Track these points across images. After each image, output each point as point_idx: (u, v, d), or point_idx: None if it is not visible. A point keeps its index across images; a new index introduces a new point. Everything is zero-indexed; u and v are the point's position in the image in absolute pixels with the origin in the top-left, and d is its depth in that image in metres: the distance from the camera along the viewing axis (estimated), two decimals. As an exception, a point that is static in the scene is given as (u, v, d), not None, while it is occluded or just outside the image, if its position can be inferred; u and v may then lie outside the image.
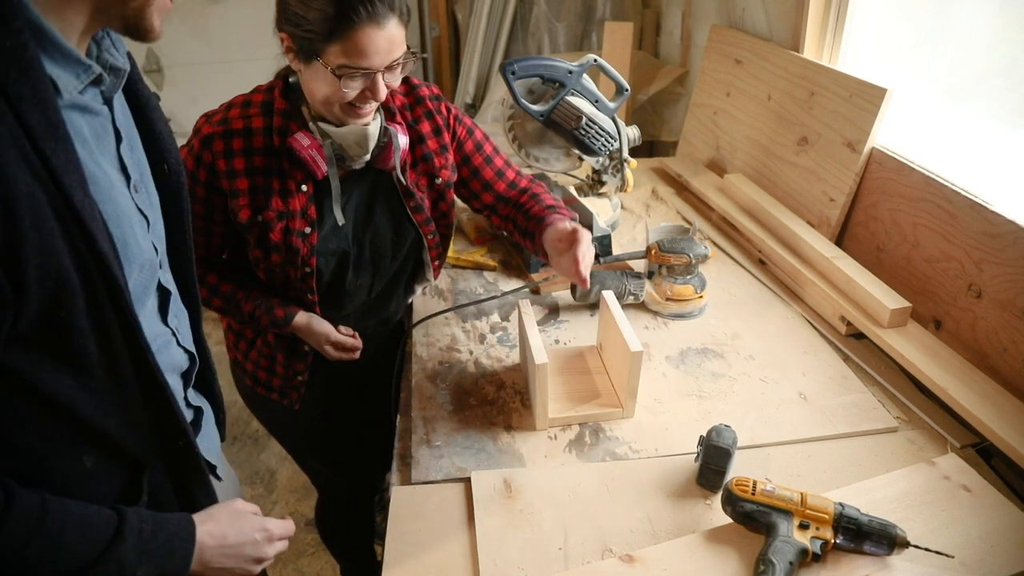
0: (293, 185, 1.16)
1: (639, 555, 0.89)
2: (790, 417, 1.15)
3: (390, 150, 1.19)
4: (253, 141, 1.15)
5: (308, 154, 1.13)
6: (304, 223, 1.18)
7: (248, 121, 1.15)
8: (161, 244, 0.84)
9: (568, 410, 1.16)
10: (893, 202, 1.42)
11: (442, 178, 1.29)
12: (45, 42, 0.66)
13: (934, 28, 1.51)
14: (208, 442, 0.99)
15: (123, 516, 0.73)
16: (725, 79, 2.05)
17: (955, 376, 1.14)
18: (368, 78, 1.07)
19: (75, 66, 0.69)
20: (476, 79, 3.15)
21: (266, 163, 1.15)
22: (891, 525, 0.86)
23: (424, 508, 1.00)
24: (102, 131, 0.75)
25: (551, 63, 1.64)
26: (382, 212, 1.26)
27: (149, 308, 0.82)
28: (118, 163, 0.77)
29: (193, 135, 1.17)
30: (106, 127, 0.76)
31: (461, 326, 1.42)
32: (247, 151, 1.15)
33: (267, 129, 1.15)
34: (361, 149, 1.16)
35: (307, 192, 1.17)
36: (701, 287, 1.42)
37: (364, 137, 1.15)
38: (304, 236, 1.18)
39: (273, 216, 1.16)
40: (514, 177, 1.40)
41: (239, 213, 1.16)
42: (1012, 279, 1.14)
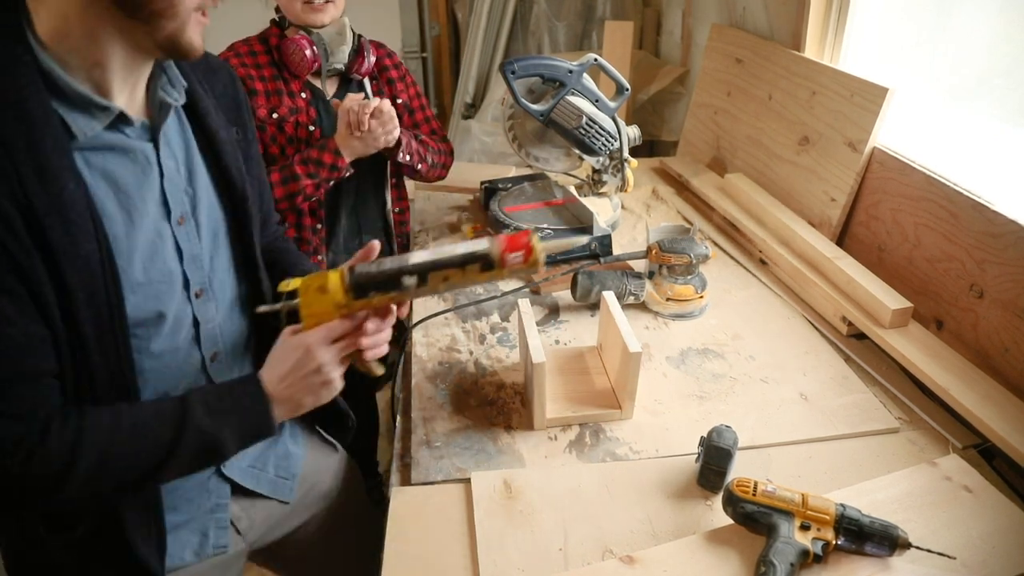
0: (297, 88, 1.53)
1: (639, 556, 0.89)
2: (791, 418, 1.15)
3: (362, 56, 1.55)
4: (259, 58, 1.51)
5: (301, 43, 1.46)
6: (308, 121, 1.53)
7: (250, 46, 1.53)
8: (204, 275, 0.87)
9: (566, 410, 1.15)
10: (894, 202, 1.42)
11: (401, 99, 1.67)
12: (59, 89, 0.69)
13: (935, 27, 1.51)
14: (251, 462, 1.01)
15: (185, 396, 0.79)
16: (726, 78, 2.04)
17: (957, 376, 1.14)
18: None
19: (92, 108, 0.72)
20: (476, 78, 3.15)
21: (272, 72, 1.51)
22: (892, 526, 0.85)
23: (424, 508, 1.00)
24: (139, 167, 0.78)
25: (551, 62, 1.63)
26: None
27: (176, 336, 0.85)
28: (160, 197, 0.81)
29: None
30: (145, 164, 0.79)
31: (461, 326, 1.42)
32: (256, 65, 1.50)
33: (267, 51, 1.52)
34: (341, 39, 1.51)
35: (306, 98, 1.53)
36: (702, 287, 1.42)
37: (343, 27, 1.52)
38: (309, 132, 1.53)
39: (286, 112, 1.50)
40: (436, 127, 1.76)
41: (257, 112, 1.46)
42: (1014, 279, 1.14)
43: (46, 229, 0.67)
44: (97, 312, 0.73)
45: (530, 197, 1.78)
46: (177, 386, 0.86)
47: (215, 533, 0.97)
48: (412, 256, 0.82)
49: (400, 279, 0.80)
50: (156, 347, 0.83)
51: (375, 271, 0.81)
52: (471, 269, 0.81)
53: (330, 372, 0.83)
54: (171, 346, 0.85)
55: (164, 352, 0.84)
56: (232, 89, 0.96)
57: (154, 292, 0.81)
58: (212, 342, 0.90)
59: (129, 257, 0.77)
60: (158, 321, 0.82)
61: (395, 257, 0.82)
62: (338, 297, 0.80)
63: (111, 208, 0.75)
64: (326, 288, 0.80)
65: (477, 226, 1.77)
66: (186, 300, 0.85)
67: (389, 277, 0.80)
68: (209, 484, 0.96)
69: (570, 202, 1.71)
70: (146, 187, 0.79)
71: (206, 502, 0.96)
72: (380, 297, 0.81)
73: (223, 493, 0.98)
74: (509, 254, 0.81)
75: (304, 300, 0.81)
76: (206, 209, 0.88)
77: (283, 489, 1.06)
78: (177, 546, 0.93)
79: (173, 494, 0.91)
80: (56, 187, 0.68)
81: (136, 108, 0.79)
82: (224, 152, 0.89)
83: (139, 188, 0.78)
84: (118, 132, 0.76)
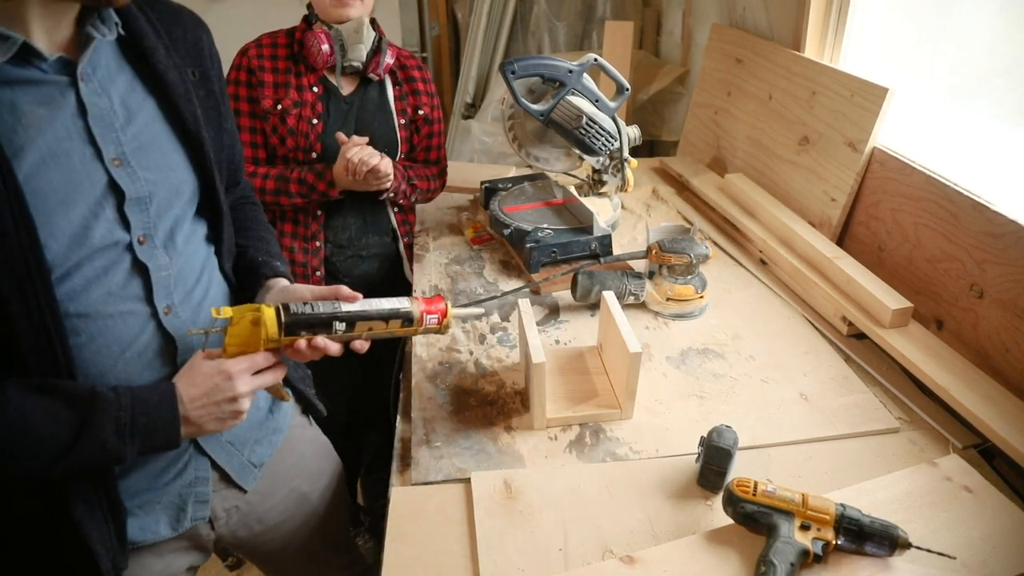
0: (307, 83, 1.56)
1: (639, 556, 0.89)
2: (791, 418, 1.15)
3: (378, 56, 1.56)
4: (278, 50, 1.57)
5: (318, 36, 1.50)
6: (312, 114, 1.55)
7: (275, 38, 1.59)
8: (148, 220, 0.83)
9: (566, 410, 1.15)
10: (895, 202, 1.42)
11: (424, 111, 1.67)
12: None
13: (935, 27, 1.51)
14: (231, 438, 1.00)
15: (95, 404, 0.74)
16: (726, 78, 2.04)
17: (957, 376, 1.14)
18: None
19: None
20: (476, 78, 3.15)
21: (286, 66, 1.56)
22: (892, 526, 0.85)
23: (424, 508, 1.00)
24: (52, 103, 0.74)
25: (551, 62, 1.63)
26: (379, 123, 1.62)
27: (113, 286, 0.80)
28: (85, 135, 0.77)
29: (236, 57, 1.56)
30: (58, 99, 0.75)
31: (461, 326, 1.42)
32: (273, 56, 1.56)
33: (289, 44, 1.57)
34: (357, 36, 1.52)
35: (317, 92, 1.56)
36: (702, 287, 1.42)
37: (360, 25, 1.53)
38: (312, 125, 1.55)
39: (290, 105, 1.54)
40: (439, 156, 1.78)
41: (263, 101, 1.54)
42: (1014, 279, 1.14)
43: None
44: (8, 256, 0.68)
45: (530, 197, 1.78)
46: (128, 345, 0.82)
47: (194, 507, 0.95)
48: (343, 304, 0.89)
49: (331, 323, 0.87)
50: (92, 299, 0.78)
51: (310, 313, 0.86)
52: (393, 323, 0.91)
53: (243, 403, 0.83)
54: (109, 298, 0.80)
55: (102, 305, 0.79)
56: (195, 35, 0.92)
57: (79, 236, 0.76)
58: (165, 294, 0.85)
59: (45, 198, 0.72)
60: (88, 269, 0.77)
61: (327, 303, 0.88)
62: (271, 332, 0.83)
63: (18, 143, 0.70)
64: (260, 322, 0.83)
65: (477, 225, 1.77)
66: (125, 247, 0.81)
67: (322, 321, 0.86)
68: (186, 457, 0.94)
69: (570, 202, 1.71)
70: (62, 124, 0.75)
71: (184, 475, 0.94)
72: (307, 337, 0.86)
73: (202, 466, 0.96)
74: (427, 315, 0.93)
75: (234, 330, 0.83)
76: (157, 152, 0.84)
77: (248, 475, 1.03)
78: (150, 520, 0.91)
79: (145, 467, 0.89)
80: None
81: (57, 44, 0.75)
82: (174, 93, 0.86)
83: (51, 124, 0.73)
84: (30, 67, 0.72)
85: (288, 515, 1.13)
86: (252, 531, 1.09)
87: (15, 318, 0.71)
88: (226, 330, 0.83)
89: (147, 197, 0.82)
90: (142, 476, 0.89)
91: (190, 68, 0.91)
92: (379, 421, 1.68)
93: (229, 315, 0.82)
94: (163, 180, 0.84)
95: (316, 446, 1.21)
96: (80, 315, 0.78)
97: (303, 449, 1.17)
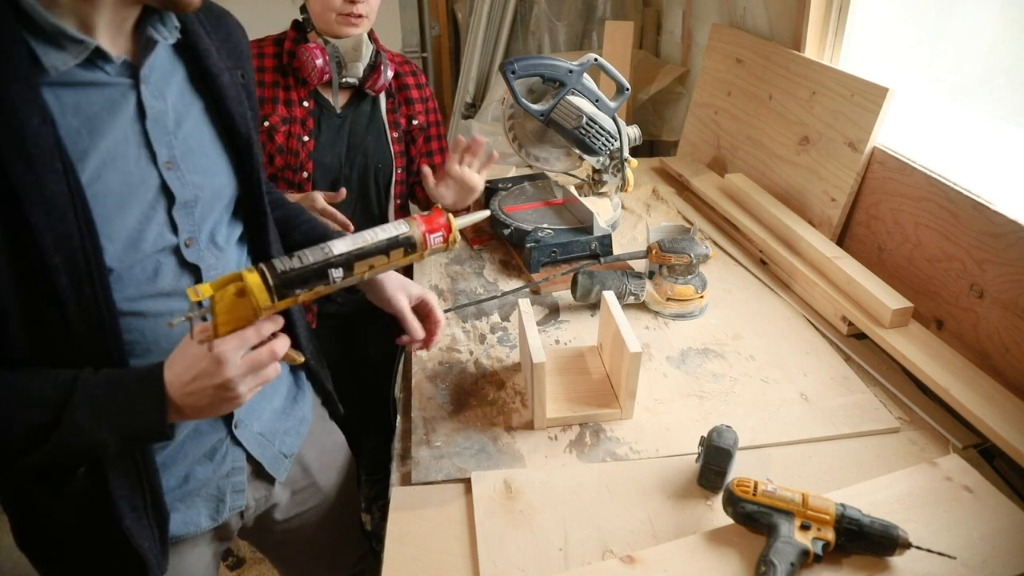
0: (296, 97, 1.46)
1: (640, 556, 0.89)
2: (791, 417, 1.15)
3: (379, 72, 1.47)
4: (264, 62, 1.45)
5: (313, 53, 1.40)
6: (303, 131, 1.45)
7: (261, 48, 1.46)
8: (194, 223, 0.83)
9: (566, 410, 1.15)
10: (895, 202, 1.42)
11: (418, 120, 1.59)
12: (30, 21, 0.66)
13: (936, 27, 1.51)
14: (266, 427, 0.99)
15: (75, 383, 0.72)
16: (726, 78, 2.04)
17: (957, 376, 1.14)
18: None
19: (67, 43, 0.69)
20: (476, 78, 3.15)
21: (274, 79, 1.46)
22: (893, 526, 0.85)
23: (424, 508, 1.00)
24: (114, 106, 0.75)
25: (551, 62, 1.63)
26: (372, 139, 1.53)
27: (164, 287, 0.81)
28: (141, 138, 0.77)
29: None
30: (121, 102, 0.75)
31: (461, 326, 1.42)
32: (260, 68, 1.44)
33: (277, 54, 1.47)
34: (356, 54, 1.43)
35: (308, 107, 1.46)
36: (702, 287, 1.42)
37: (359, 42, 1.43)
38: (303, 142, 1.46)
39: (278, 121, 1.44)
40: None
41: None
42: (1014, 279, 1.14)
43: (5, 165, 0.64)
44: (70, 259, 0.69)
45: (530, 197, 1.78)
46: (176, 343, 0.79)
47: (232, 496, 0.96)
48: (333, 245, 0.76)
49: (327, 272, 0.75)
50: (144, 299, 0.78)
51: (299, 267, 0.74)
52: (395, 254, 0.79)
53: (238, 387, 0.74)
54: (161, 298, 0.80)
55: (153, 304, 0.80)
56: (237, 36, 0.93)
57: (134, 239, 0.76)
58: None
59: (104, 201, 0.72)
60: (139, 271, 0.77)
61: (314, 248, 0.76)
62: (262, 301, 0.72)
63: (83, 146, 0.71)
64: (246, 291, 0.72)
65: (479, 226, 1.77)
66: (173, 250, 0.81)
67: (315, 272, 0.75)
68: (223, 449, 0.94)
69: (570, 202, 1.71)
70: (121, 127, 0.75)
71: (221, 467, 0.94)
72: (305, 294, 0.75)
73: (238, 458, 0.96)
74: (431, 235, 0.81)
75: (220, 307, 0.72)
76: (202, 154, 0.84)
77: (280, 466, 1.04)
78: (192, 514, 0.92)
79: (185, 462, 0.89)
80: (17, 120, 0.65)
81: (121, 47, 0.75)
82: (227, 96, 0.86)
83: (112, 127, 0.74)
84: (96, 69, 0.72)
85: (307, 506, 1.14)
86: (272, 519, 1.09)
87: (72, 320, 0.71)
88: (212, 310, 0.72)
89: (193, 200, 0.82)
90: (182, 469, 0.90)
91: (238, 70, 0.91)
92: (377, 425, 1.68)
93: (209, 294, 0.71)
94: (207, 183, 0.85)
95: (334, 440, 1.22)
96: (134, 314, 0.78)
97: (324, 442, 1.18)
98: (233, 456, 0.96)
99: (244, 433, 0.96)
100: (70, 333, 0.72)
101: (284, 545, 1.17)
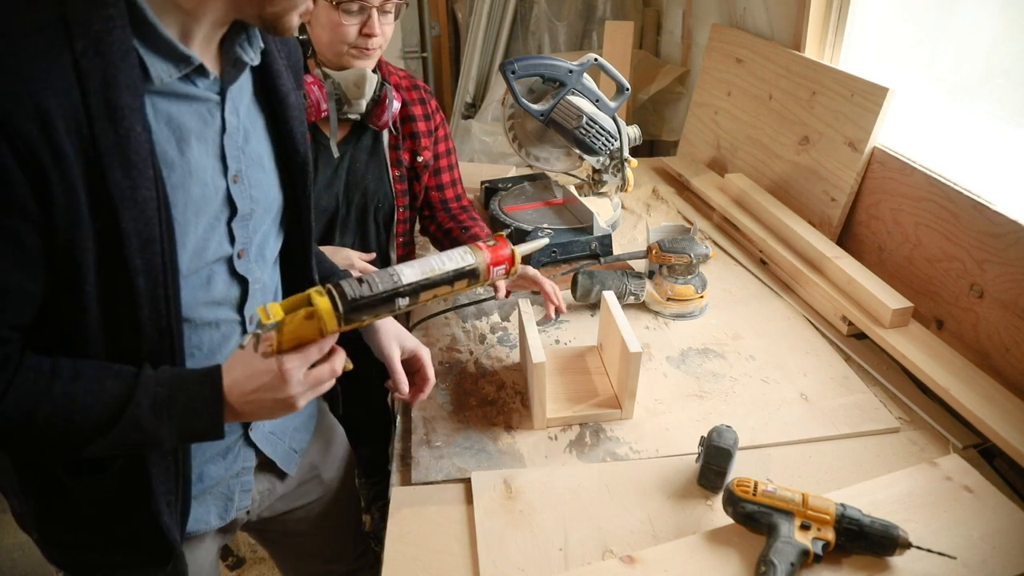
0: None
1: (640, 556, 0.89)
2: (791, 417, 1.15)
3: (383, 106, 1.33)
4: None
5: (310, 89, 1.25)
6: None
7: None
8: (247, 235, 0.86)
9: (566, 410, 1.15)
10: (895, 202, 1.42)
11: (423, 157, 1.44)
12: (145, 30, 0.68)
13: (936, 27, 1.51)
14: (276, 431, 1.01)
15: (137, 379, 0.74)
16: (726, 78, 2.04)
17: (957, 376, 1.14)
18: (365, 13, 1.22)
19: (174, 55, 0.71)
20: (476, 78, 3.15)
21: None
22: (893, 526, 0.85)
23: (424, 508, 1.00)
24: (202, 120, 0.77)
25: (551, 62, 1.63)
26: (372, 177, 1.40)
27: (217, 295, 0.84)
28: (219, 151, 0.80)
29: None
30: (208, 117, 0.78)
31: (461, 326, 1.42)
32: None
33: None
34: (359, 91, 1.29)
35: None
36: (702, 287, 1.42)
37: (362, 78, 1.29)
38: None
39: None
40: (462, 192, 1.56)
41: None
42: (1014, 279, 1.14)
43: (105, 169, 0.66)
44: (150, 262, 0.71)
45: (530, 197, 1.78)
46: (217, 350, 0.84)
47: (240, 496, 0.97)
48: (402, 273, 0.78)
49: (394, 300, 0.77)
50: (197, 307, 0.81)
51: (369, 295, 0.75)
52: (459, 284, 0.81)
53: (298, 401, 0.77)
54: (211, 306, 0.83)
55: (205, 312, 0.82)
56: (297, 56, 0.96)
57: (200, 248, 0.79)
58: (253, 305, 0.88)
59: (184, 209, 0.75)
60: (195, 279, 0.80)
61: (382, 274, 0.77)
62: (330, 326, 0.74)
63: (171, 156, 0.73)
64: (315, 315, 0.74)
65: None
66: (226, 260, 0.84)
67: (383, 300, 0.76)
68: (236, 448, 0.95)
69: (570, 202, 1.71)
70: (205, 140, 0.78)
71: (233, 466, 0.95)
72: (370, 319, 0.77)
73: (249, 457, 0.97)
74: (495, 267, 0.83)
75: (287, 328, 0.74)
76: (260, 169, 0.87)
77: (291, 461, 1.05)
78: (202, 511, 0.93)
79: (200, 459, 0.90)
80: (124, 127, 0.66)
81: (209, 61, 0.77)
82: (292, 117, 0.88)
83: (199, 141, 0.77)
84: (190, 83, 0.75)
85: (310, 498, 1.15)
86: (275, 511, 1.10)
87: (144, 323, 0.73)
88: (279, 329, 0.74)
89: (249, 213, 0.85)
90: (197, 467, 0.90)
91: (300, 90, 0.94)
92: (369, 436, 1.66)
93: (280, 317, 0.73)
94: (262, 197, 0.87)
95: (336, 434, 1.23)
96: (185, 320, 0.80)
97: (328, 435, 1.19)
98: (244, 456, 0.97)
99: (257, 434, 0.98)
100: (141, 336, 0.74)
101: (285, 536, 1.18)
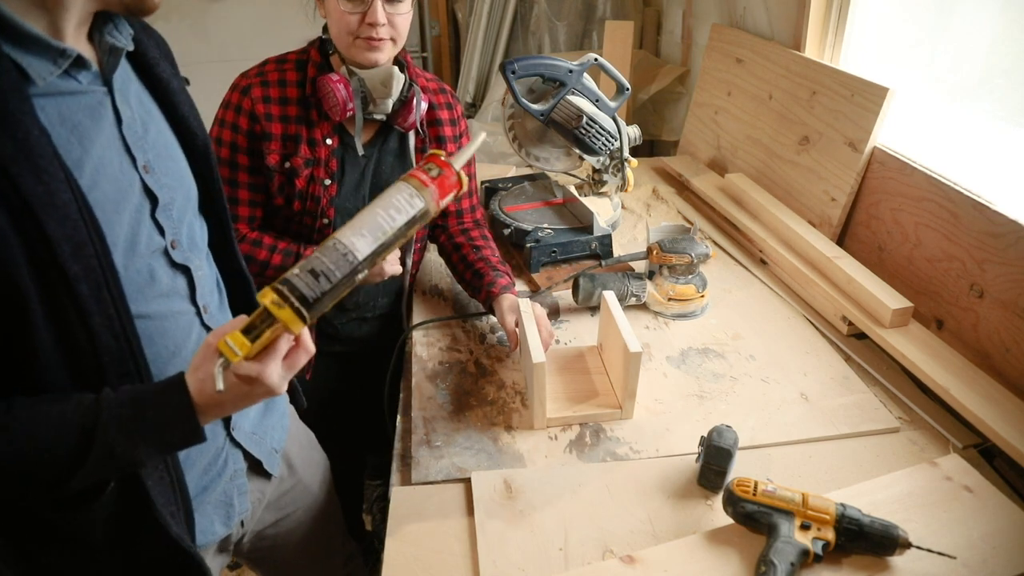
0: (320, 136, 1.28)
1: (640, 556, 0.89)
2: (791, 417, 1.15)
3: (410, 107, 1.30)
4: (288, 91, 1.27)
5: (335, 87, 1.23)
6: (326, 174, 1.29)
7: (283, 74, 1.28)
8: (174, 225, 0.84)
9: (566, 410, 1.15)
10: (895, 201, 1.42)
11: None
12: (9, 31, 0.66)
13: (936, 27, 1.51)
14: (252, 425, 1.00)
15: (99, 404, 0.71)
16: (726, 78, 2.04)
17: (957, 376, 1.14)
18: (365, 1, 1.19)
19: (49, 52, 0.69)
20: (476, 78, 3.15)
21: (298, 113, 1.28)
22: (893, 526, 0.85)
23: (424, 508, 1.00)
24: (95, 114, 0.75)
25: (551, 62, 1.63)
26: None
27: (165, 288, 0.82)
28: (121, 144, 0.78)
29: (230, 91, 1.29)
30: (100, 110, 0.76)
31: (461, 326, 1.42)
32: (283, 100, 1.27)
33: (300, 82, 1.28)
34: (385, 90, 1.27)
35: (331, 146, 1.29)
36: (702, 287, 1.42)
37: (389, 77, 1.27)
38: (325, 187, 1.29)
39: (300, 163, 1.27)
40: (476, 203, 1.54)
41: (268, 156, 1.26)
42: (1014, 279, 1.14)
43: (15, 178, 0.63)
44: (87, 266, 0.69)
45: (530, 197, 1.78)
46: (181, 345, 0.82)
47: (239, 500, 0.97)
48: (355, 248, 0.74)
49: (354, 279, 0.74)
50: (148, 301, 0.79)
51: (329, 288, 0.72)
52: (412, 232, 0.78)
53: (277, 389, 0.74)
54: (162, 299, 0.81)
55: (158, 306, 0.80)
56: (165, 44, 0.93)
57: (130, 242, 0.76)
58: (202, 293, 0.87)
59: (103, 208, 0.73)
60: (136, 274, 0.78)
61: (333, 255, 0.73)
62: (297, 329, 0.72)
63: (77, 155, 0.71)
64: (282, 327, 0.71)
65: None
66: (163, 252, 0.82)
67: (343, 284, 0.73)
68: (225, 451, 0.94)
69: (570, 202, 1.71)
70: (103, 134, 0.75)
71: (225, 470, 0.94)
72: (333, 303, 0.74)
73: (238, 459, 0.97)
74: (443, 199, 0.79)
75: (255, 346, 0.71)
76: (169, 159, 0.86)
77: (274, 461, 1.05)
78: (206, 521, 0.92)
79: (195, 467, 0.89)
80: (21, 132, 0.64)
81: (87, 54, 0.75)
82: (180, 102, 0.87)
83: (98, 135, 0.74)
84: (71, 78, 0.72)
85: (295, 507, 1.15)
86: (263, 523, 1.09)
87: (97, 330, 0.71)
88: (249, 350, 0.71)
89: (170, 203, 0.84)
90: (193, 478, 0.89)
91: (178, 77, 0.92)
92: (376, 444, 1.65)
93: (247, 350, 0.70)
94: (179, 186, 0.86)
95: (307, 436, 1.23)
96: (140, 316, 0.78)
97: (300, 438, 1.19)
98: (234, 457, 0.96)
99: (240, 434, 0.97)
100: (98, 344, 0.72)
101: (275, 550, 1.16)
